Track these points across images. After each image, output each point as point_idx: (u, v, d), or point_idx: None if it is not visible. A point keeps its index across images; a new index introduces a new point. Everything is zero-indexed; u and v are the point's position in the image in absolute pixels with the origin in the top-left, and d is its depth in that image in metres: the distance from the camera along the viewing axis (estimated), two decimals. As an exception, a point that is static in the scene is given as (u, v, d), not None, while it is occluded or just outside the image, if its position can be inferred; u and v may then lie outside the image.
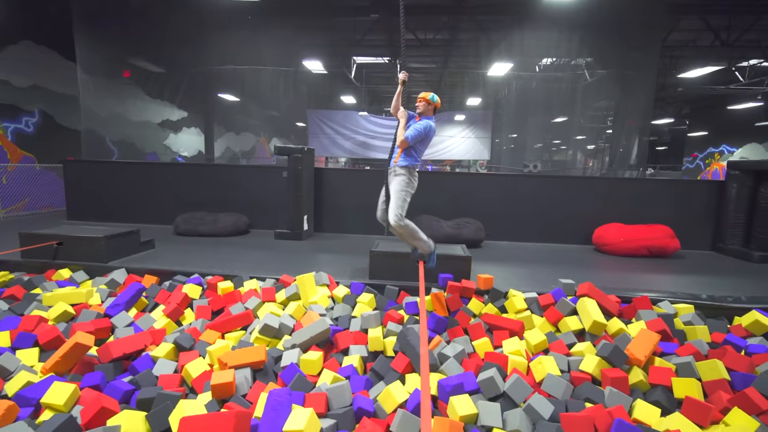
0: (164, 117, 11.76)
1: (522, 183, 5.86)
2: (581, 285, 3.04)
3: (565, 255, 4.90)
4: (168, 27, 8.36)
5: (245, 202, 5.91)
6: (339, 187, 5.93)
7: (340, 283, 3.39)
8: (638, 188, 5.63)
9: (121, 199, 6.16)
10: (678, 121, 19.91)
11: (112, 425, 1.75)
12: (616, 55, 8.61)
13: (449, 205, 5.58)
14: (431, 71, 15.49)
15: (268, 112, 16.41)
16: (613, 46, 8.37)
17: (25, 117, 7.92)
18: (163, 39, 8.79)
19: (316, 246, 5.06)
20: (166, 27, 8.38)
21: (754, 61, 11.84)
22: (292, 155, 5.23)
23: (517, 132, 16.54)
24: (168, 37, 8.71)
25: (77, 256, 3.82)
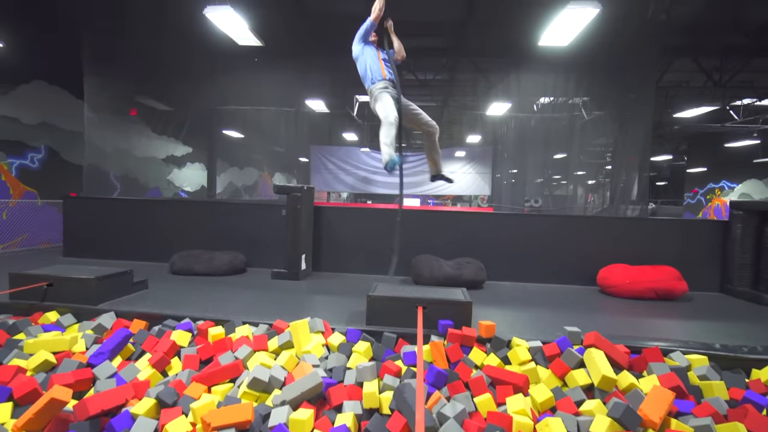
0: (169, 152, 11.94)
1: (523, 222, 5.80)
2: (588, 334, 2.90)
3: (569, 297, 4.76)
4: (175, 67, 8.63)
5: (243, 240, 5.85)
6: (338, 225, 5.88)
7: (335, 330, 3.25)
8: (642, 227, 5.56)
9: (118, 235, 6.11)
10: (676, 157, 20.15)
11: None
12: (612, 95, 8.81)
13: (449, 244, 5.50)
14: (431, 109, 15.83)
15: (272, 148, 16.70)
16: (608, 87, 8.58)
17: (31, 153, 8.04)
18: (170, 78, 9.07)
19: (313, 286, 4.94)
20: (173, 67, 8.66)
21: (748, 100, 12.10)
22: (292, 194, 5.22)
23: (517, 167, 16.71)
24: (175, 77, 8.98)
25: (67, 297, 3.72)
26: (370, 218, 6.02)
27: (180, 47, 8.24)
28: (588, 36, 6.06)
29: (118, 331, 3.04)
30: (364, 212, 6.66)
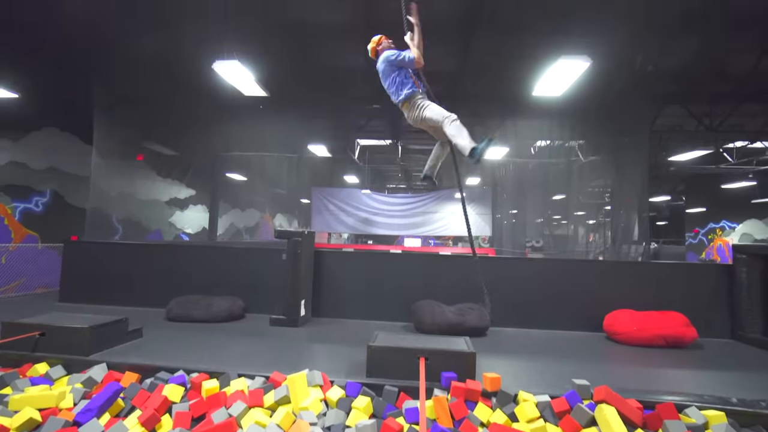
0: (172, 195, 12.09)
1: (525, 265, 5.75)
2: (597, 389, 2.78)
3: (576, 344, 4.62)
4: (183, 114, 8.94)
5: (242, 284, 5.77)
6: (338, 269, 5.82)
7: (334, 383, 3.13)
8: (646, 271, 5.50)
9: (116, 280, 6.04)
10: (675, 197, 20.30)
11: None
12: (606, 140, 9.04)
13: (451, 289, 5.41)
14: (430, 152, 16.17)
15: (273, 190, 16.91)
16: (603, 132, 8.82)
17: (36, 197, 8.14)
18: (177, 125, 9.36)
19: (312, 334, 4.81)
20: (180, 114, 8.96)
21: (740, 143, 12.38)
22: (292, 239, 5.21)
23: (517, 208, 16.80)
24: (182, 124, 9.27)
25: (58, 347, 3.61)
26: (370, 262, 5.99)
27: (188, 96, 8.58)
28: (580, 85, 6.33)
29: (108, 386, 2.93)
30: (364, 256, 6.65)
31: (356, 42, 7.25)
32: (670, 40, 6.66)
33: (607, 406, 2.61)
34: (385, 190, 19.77)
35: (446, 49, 7.67)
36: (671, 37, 6.70)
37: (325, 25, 6.52)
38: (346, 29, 6.53)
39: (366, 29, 6.77)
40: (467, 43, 7.05)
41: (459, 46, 7.38)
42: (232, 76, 5.84)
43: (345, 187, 17.40)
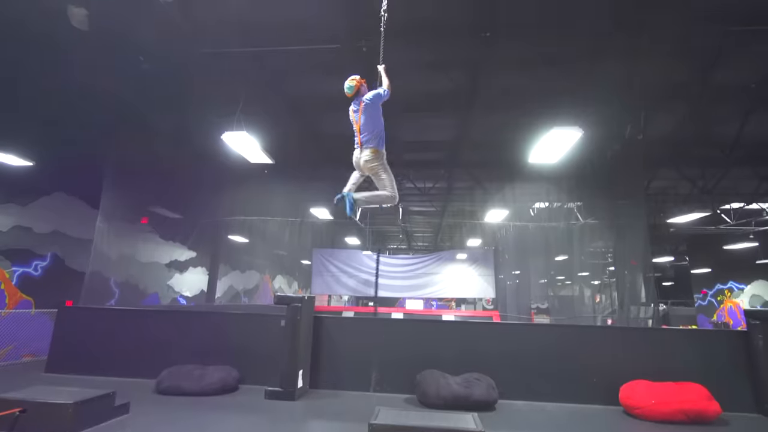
0: (173, 257, 12.06)
1: (533, 332, 5.56)
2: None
3: (592, 421, 4.31)
4: (189, 181, 9.20)
5: (238, 352, 5.53)
6: (338, 337, 5.61)
7: (332, 468, 2.87)
8: (659, 338, 5.30)
9: (107, 348, 5.81)
10: (678, 258, 20.16)
11: None
12: (603, 203, 9.19)
13: (456, 359, 5.18)
14: (431, 214, 16.43)
15: (274, 252, 16.89)
16: (599, 196, 8.99)
17: (36, 261, 8.12)
18: (183, 190, 9.60)
19: (309, 409, 4.52)
20: (187, 180, 9.22)
21: (736, 204, 12.56)
22: (292, 304, 5.10)
23: (520, 269, 16.63)
24: (188, 189, 9.51)
25: (40, 426, 3.38)
26: (372, 329, 5.80)
27: (195, 163, 8.92)
28: (574, 152, 6.59)
29: (87, 473, 2.69)
30: (365, 323, 6.45)
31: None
32: (656, 111, 7.06)
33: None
34: (386, 251, 19.73)
35: (445, 121, 8.12)
36: (657, 108, 7.10)
37: (327, 97, 6.96)
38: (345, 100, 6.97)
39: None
40: (465, 116, 7.47)
41: (457, 119, 7.82)
42: (239, 146, 6.12)
43: (346, 248, 17.39)
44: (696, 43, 5.69)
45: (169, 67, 5.85)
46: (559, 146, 5.81)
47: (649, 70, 6.26)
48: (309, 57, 5.85)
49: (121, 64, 6.12)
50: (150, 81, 6.03)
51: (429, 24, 5.37)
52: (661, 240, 16.63)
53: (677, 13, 5.04)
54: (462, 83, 6.54)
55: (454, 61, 6.15)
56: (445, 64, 6.17)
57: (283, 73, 6.25)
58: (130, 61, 6.02)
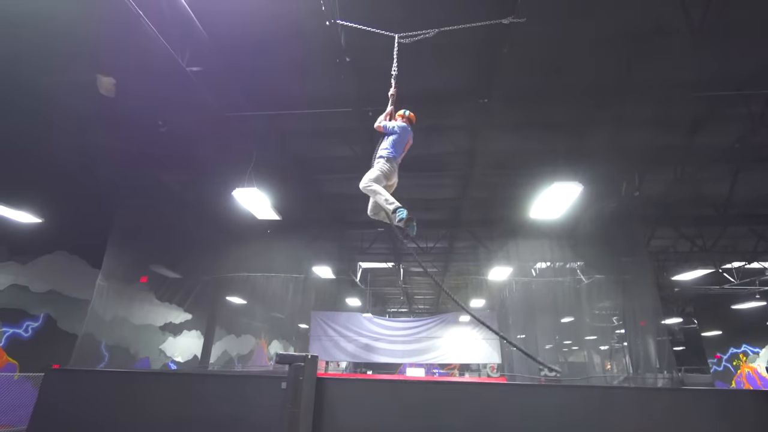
0: (167, 320, 11.71)
1: (546, 395, 5.25)
2: None
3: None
4: (192, 239, 9.23)
5: (230, 421, 5.14)
6: (342, 403, 5.27)
7: None
8: (674, 400, 5.00)
9: (91, 417, 5.41)
10: (686, 320, 19.66)
11: None
12: (606, 260, 9.19)
13: (470, 428, 4.82)
14: (433, 274, 16.27)
15: (272, 314, 16.43)
16: (602, 253, 9.02)
17: (27, 321, 7.88)
18: (185, 249, 9.60)
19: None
20: (190, 239, 9.26)
21: (737, 263, 12.56)
22: (294, 364, 4.87)
23: (525, 333, 16.10)
24: (190, 248, 9.51)
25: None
26: (378, 394, 5.45)
27: (201, 221, 9.02)
28: (575, 209, 6.75)
29: None
30: (374, 385, 6.08)
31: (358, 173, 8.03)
32: (647, 173, 7.37)
33: None
34: (386, 314, 19.23)
35: (446, 181, 8.41)
36: (648, 171, 7.42)
37: (332, 159, 7.28)
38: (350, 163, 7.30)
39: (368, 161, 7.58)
40: (465, 175, 7.76)
41: (457, 179, 8.11)
42: (249, 202, 6.28)
43: (346, 310, 16.95)
44: (674, 110, 6.12)
45: (183, 128, 6.18)
46: (559, 201, 5.98)
47: (635, 136, 6.67)
48: (318, 121, 6.23)
49: (139, 128, 6.48)
50: (163, 142, 6.33)
51: (430, 91, 5.80)
52: (667, 301, 16.33)
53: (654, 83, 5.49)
54: (462, 145, 6.89)
55: (453, 124, 6.54)
56: (444, 127, 6.55)
57: (293, 136, 6.60)
58: (149, 125, 6.38)
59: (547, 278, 12.48)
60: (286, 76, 5.45)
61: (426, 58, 5.06)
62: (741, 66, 5.30)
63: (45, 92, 5.64)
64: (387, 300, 20.89)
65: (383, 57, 4.40)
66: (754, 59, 5.21)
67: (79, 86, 5.44)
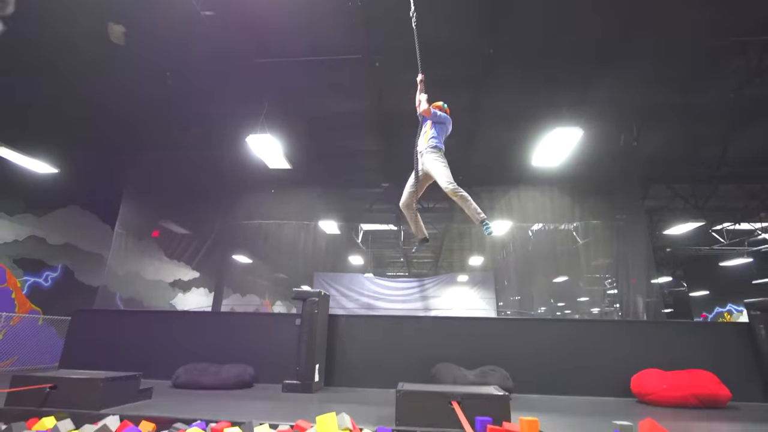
0: (177, 277, 12.10)
1: (546, 328, 5.69)
2: (642, 422, 2.68)
3: (606, 407, 4.37)
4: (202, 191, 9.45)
5: (250, 354, 5.56)
6: (352, 336, 5.70)
7: (363, 430, 2.96)
8: (665, 332, 5.45)
9: (120, 349, 5.81)
10: (675, 282, 20.34)
11: None
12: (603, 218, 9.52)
13: (470, 354, 5.27)
14: (433, 236, 16.64)
15: (276, 275, 16.89)
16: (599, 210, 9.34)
17: (47, 272, 8.19)
18: (195, 202, 9.83)
19: (329, 398, 4.56)
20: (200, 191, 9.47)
21: (727, 224, 12.98)
22: (309, 299, 5.24)
23: (521, 295, 16.70)
24: (199, 201, 9.74)
25: (69, 402, 3.44)
26: (386, 327, 5.87)
27: (210, 177, 9.22)
28: (575, 158, 6.99)
29: (127, 430, 2.77)
30: (380, 321, 6.51)
31: (368, 129, 8.16)
32: (645, 128, 7.56)
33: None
34: (386, 274, 19.76)
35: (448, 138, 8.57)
36: (646, 126, 7.61)
37: (343, 113, 7.41)
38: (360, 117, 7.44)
39: (378, 118, 7.72)
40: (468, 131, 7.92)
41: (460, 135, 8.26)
42: (261, 149, 6.45)
43: (347, 272, 17.43)
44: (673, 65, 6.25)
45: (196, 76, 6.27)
46: (561, 147, 6.20)
47: (635, 91, 6.83)
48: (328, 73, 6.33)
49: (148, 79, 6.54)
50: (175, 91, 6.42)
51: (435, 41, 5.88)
52: (659, 263, 16.89)
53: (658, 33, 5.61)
54: (465, 99, 7.03)
55: (457, 78, 6.66)
56: (449, 79, 6.66)
57: (302, 87, 6.70)
58: (158, 76, 6.46)
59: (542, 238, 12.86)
60: (296, 23, 5.51)
61: (433, 7, 5.14)
62: (739, 15, 5.40)
63: (58, 42, 5.69)
64: (387, 264, 21.39)
65: (393, 5, 4.47)
66: (752, 7, 5.31)
67: (91, 34, 5.49)
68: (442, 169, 3.66)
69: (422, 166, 3.80)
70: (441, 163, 3.71)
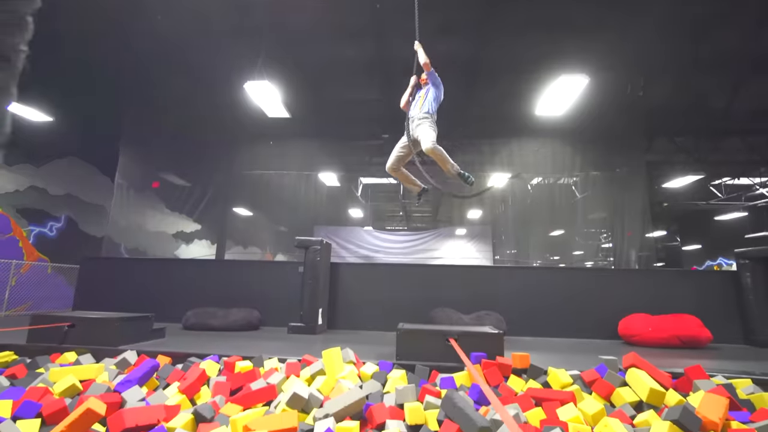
0: (179, 228, 12.24)
1: (538, 275, 5.89)
2: (626, 356, 2.88)
3: (593, 347, 4.65)
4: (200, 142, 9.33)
5: (256, 299, 5.80)
6: (353, 283, 5.92)
7: (366, 363, 3.18)
8: (654, 280, 5.66)
9: (129, 295, 6.05)
10: (669, 237, 20.70)
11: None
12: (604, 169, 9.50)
13: (466, 300, 5.51)
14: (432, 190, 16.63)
15: (277, 228, 17.09)
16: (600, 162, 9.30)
17: (51, 222, 8.28)
18: (193, 153, 9.75)
19: (332, 338, 4.83)
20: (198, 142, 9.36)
21: (727, 179, 13.00)
22: (311, 248, 5.37)
23: (517, 248, 17.03)
24: (198, 152, 9.66)
25: (87, 339, 3.64)
26: (386, 275, 6.09)
27: (208, 126, 9.06)
28: (578, 112, 6.87)
29: (145, 362, 2.96)
30: (380, 268, 6.74)
31: (368, 76, 7.92)
32: (652, 80, 7.35)
33: (637, 369, 2.70)
34: (385, 228, 20.03)
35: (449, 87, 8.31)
36: (653, 77, 7.39)
37: (342, 60, 7.16)
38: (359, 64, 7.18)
39: (379, 64, 7.46)
40: (471, 80, 7.70)
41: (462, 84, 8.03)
42: (260, 97, 6.31)
43: (347, 225, 17.65)
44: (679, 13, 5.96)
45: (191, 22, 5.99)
46: (566, 95, 6.07)
47: (643, 40, 6.57)
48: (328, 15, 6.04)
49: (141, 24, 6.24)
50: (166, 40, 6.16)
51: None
52: (654, 217, 17.09)
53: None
54: (468, 47, 6.77)
55: (459, 23, 6.36)
56: (450, 27, 6.37)
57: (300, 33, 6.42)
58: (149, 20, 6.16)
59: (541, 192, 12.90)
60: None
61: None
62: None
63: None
64: (386, 217, 21.58)
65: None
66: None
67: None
68: (430, 131, 3.77)
69: (413, 132, 3.87)
70: (430, 127, 3.82)
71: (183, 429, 2.16)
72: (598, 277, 5.91)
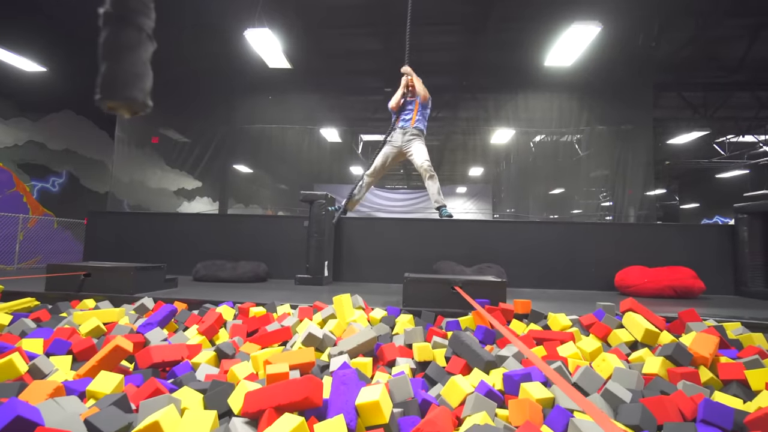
0: (180, 186, 12.23)
1: (540, 229, 6.00)
2: (623, 302, 3.01)
3: (591, 296, 4.83)
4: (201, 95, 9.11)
5: (262, 254, 5.93)
6: (358, 236, 6.03)
7: (375, 309, 3.32)
8: (652, 233, 5.78)
9: (138, 249, 6.16)
10: (668, 195, 20.81)
11: (173, 396, 1.64)
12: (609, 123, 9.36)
13: (468, 253, 5.64)
14: (434, 147, 16.50)
15: (278, 185, 17.08)
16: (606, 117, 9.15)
17: (53, 177, 8.26)
18: (193, 107, 9.54)
19: (339, 289, 4.97)
20: (198, 95, 9.14)
21: (730, 136, 12.87)
22: (316, 201, 5.42)
23: (516, 207, 17.13)
24: (199, 104, 9.45)
25: (104, 287, 3.77)
26: (389, 229, 6.19)
27: (207, 78, 8.79)
28: (587, 64, 6.66)
29: (164, 307, 3.09)
30: (384, 223, 6.84)
31: (369, 25, 7.60)
32: (668, 19, 7.03)
33: (633, 313, 2.84)
34: (385, 186, 20.05)
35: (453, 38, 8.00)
36: (669, 17, 7.07)
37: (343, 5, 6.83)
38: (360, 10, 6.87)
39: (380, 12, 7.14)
40: (476, 29, 7.40)
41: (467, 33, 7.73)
42: (260, 46, 6.09)
43: (348, 184, 17.63)
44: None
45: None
46: (577, 44, 5.87)
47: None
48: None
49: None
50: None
51: None
52: (656, 176, 17.08)
53: None
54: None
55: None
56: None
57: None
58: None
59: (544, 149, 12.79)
60: None
61: None
62: None
63: None
64: (386, 176, 21.51)
65: None
66: None
67: None
68: (423, 149, 4.14)
69: (401, 144, 4.19)
70: (423, 145, 4.18)
71: (207, 363, 2.30)
72: (596, 230, 6.02)
